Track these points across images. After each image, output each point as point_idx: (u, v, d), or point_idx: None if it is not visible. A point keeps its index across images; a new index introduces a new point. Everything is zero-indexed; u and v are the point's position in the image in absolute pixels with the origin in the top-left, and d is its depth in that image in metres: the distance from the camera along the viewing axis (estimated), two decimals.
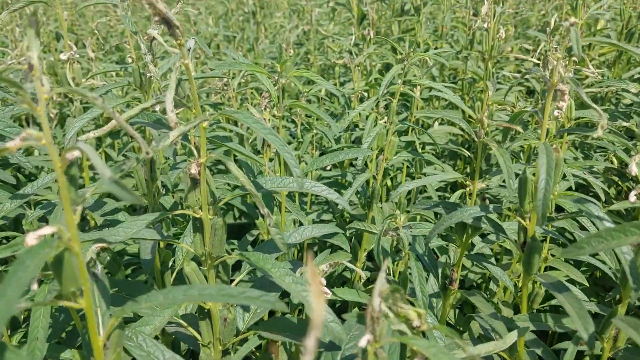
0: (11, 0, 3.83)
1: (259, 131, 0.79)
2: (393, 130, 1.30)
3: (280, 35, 3.60)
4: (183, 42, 0.75)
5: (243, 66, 1.00)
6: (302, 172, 0.78)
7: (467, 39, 2.17)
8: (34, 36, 0.57)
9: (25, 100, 0.57)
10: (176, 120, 0.72)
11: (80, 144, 0.56)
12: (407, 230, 0.93)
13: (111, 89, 1.37)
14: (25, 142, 0.59)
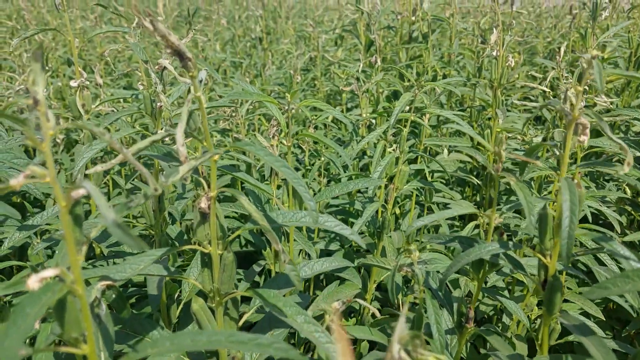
0: (21, 27, 3.88)
1: (272, 164, 0.77)
2: (403, 159, 1.28)
3: (287, 61, 3.62)
4: (195, 74, 0.73)
5: (253, 96, 0.98)
6: (316, 205, 0.76)
7: (475, 66, 2.17)
8: (39, 70, 0.55)
9: (30, 137, 0.55)
10: (186, 154, 0.70)
11: (85, 184, 0.53)
12: (422, 266, 0.90)
13: (121, 117, 1.36)
14: (29, 180, 0.57)
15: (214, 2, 5.86)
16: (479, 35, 2.17)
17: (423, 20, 2.50)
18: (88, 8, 4.45)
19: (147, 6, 5.53)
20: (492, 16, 2.53)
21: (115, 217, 0.48)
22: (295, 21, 4.74)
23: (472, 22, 3.81)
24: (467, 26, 2.84)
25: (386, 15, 3.04)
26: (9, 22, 3.74)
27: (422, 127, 1.57)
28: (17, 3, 5.11)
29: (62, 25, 4.06)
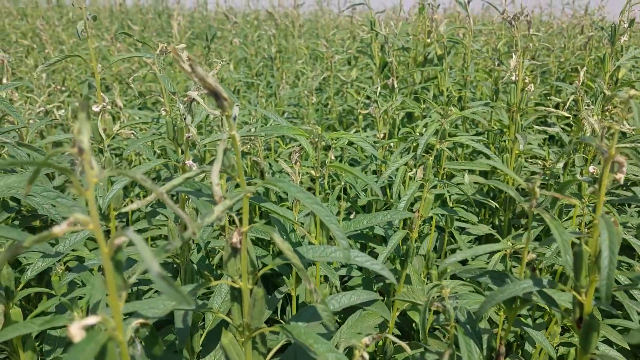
0: (37, 45, 3.93)
1: (304, 200, 0.77)
2: (428, 187, 1.27)
3: (300, 79, 3.63)
4: (230, 113, 0.73)
5: (286, 130, 0.98)
6: (348, 243, 0.75)
7: (492, 89, 2.16)
8: (85, 120, 0.55)
9: (74, 185, 0.55)
10: (221, 194, 0.70)
11: (129, 233, 0.53)
12: (453, 301, 0.89)
13: (144, 142, 1.37)
14: (72, 227, 0.57)
15: (226, 21, 5.92)
16: (495, 57, 2.17)
17: (438, 42, 2.51)
18: (102, 27, 4.51)
19: (160, 24, 5.59)
20: (509, 39, 2.54)
21: (160, 269, 0.47)
22: (307, 40, 4.78)
23: (483, 41, 3.82)
24: (480, 47, 2.84)
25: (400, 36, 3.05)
26: (24, 41, 3.80)
27: (441, 152, 1.56)
28: (32, 21, 5.19)
29: (76, 45, 4.11)
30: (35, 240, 0.56)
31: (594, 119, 1.39)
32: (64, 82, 2.92)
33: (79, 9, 1.77)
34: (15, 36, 4.61)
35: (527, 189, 0.84)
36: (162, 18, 5.97)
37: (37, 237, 0.56)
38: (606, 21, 4.00)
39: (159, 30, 5.43)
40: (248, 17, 4.97)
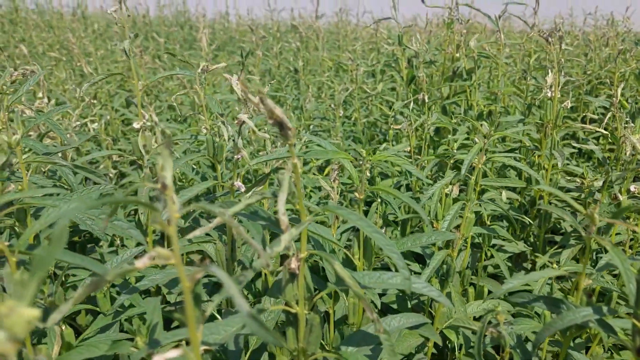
0: (66, 58, 4.00)
1: (364, 228, 0.77)
2: (470, 207, 1.27)
3: (323, 92, 3.65)
4: (293, 142, 0.74)
5: (330, 154, 0.99)
6: (409, 272, 0.75)
7: (524, 104, 2.15)
8: (168, 157, 0.57)
9: (157, 220, 0.56)
10: (287, 222, 0.71)
11: (214, 269, 0.54)
12: (508, 327, 0.88)
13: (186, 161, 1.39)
14: (154, 261, 0.58)
15: (248, 32, 5.97)
16: (527, 72, 2.16)
17: (467, 56, 2.51)
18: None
19: (182, 36, 5.66)
20: (540, 53, 2.53)
21: (250, 309, 0.48)
22: (328, 51, 4.80)
23: (508, 53, 3.80)
24: (508, 61, 2.83)
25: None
26: (53, 54, 3.87)
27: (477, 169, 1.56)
28: (59, 32, 5.29)
29: (104, 57, 4.18)
30: (118, 274, 0.57)
31: (636, 137, 1.37)
32: (96, 95, 2.97)
33: (102, 20, 1.82)
34: (43, 48, 4.70)
35: (586, 216, 0.83)
36: (185, 30, 6.05)
37: (120, 271, 0.57)
38: (632, 32, 3.95)
39: (181, 41, 5.50)
40: (271, 29, 5.01)
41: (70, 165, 1.04)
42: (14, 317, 0.45)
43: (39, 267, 0.45)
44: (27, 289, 0.45)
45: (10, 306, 0.45)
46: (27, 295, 0.45)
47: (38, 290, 0.45)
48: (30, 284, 0.45)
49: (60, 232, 0.46)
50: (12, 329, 0.45)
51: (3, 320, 0.45)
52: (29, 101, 2.33)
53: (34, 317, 0.45)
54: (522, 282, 0.88)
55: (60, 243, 0.46)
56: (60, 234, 0.46)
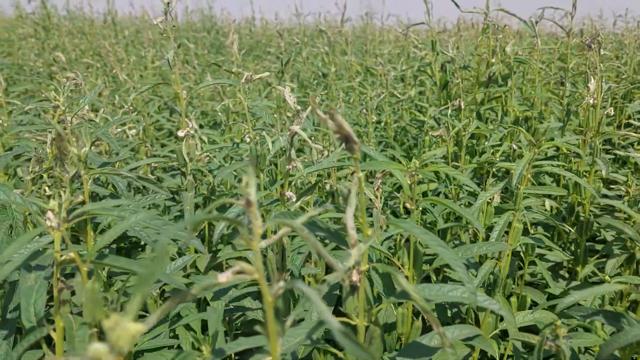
0: (100, 65, 4.08)
1: (429, 242, 0.78)
2: (518, 217, 1.26)
3: (351, 97, 3.65)
4: (358, 156, 0.75)
5: (382, 165, 1.00)
6: (475, 286, 0.75)
7: (562, 111, 2.13)
8: (253, 174, 0.58)
9: (243, 237, 0.58)
10: (357, 237, 0.72)
11: (299, 284, 0.55)
12: (567, 340, 0.87)
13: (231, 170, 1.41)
14: (237, 276, 0.59)
15: (274, 36, 6.01)
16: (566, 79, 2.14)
17: (503, 62, 2.49)
18: (158, 44, 4.65)
19: (210, 41, 5.73)
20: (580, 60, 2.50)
21: (340, 326, 0.49)
22: (356, 55, 4.81)
23: (541, 56, 3.76)
24: (542, 66, 2.79)
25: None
26: (89, 60, 3.96)
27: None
28: (91, 39, 5.40)
29: (137, 63, 4.26)
30: (202, 289, 0.59)
31: None
32: (132, 101, 3.02)
33: (131, 27, 1.85)
34: (75, 54, 4.80)
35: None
36: (212, 34, 6.12)
37: (203, 286, 0.58)
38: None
39: (208, 46, 5.57)
40: (298, 34, 5.04)
41: (134, 176, 1.07)
42: (119, 331, 0.47)
43: (142, 283, 0.47)
44: (131, 304, 0.47)
45: (115, 320, 0.47)
46: (132, 309, 0.47)
47: (142, 305, 0.47)
48: (134, 299, 0.47)
49: (163, 249, 0.47)
50: (117, 343, 0.47)
51: (108, 333, 0.47)
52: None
53: (139, 331, 0.46)
54: (585, 295, 0.87)
55: (163, 260, 0.47)
56: (163, 252, 0.47)
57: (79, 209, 0.82)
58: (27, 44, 4.82)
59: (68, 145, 0.81)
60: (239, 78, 1.66)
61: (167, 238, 0.48)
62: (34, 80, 3.26)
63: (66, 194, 0.82)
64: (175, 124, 3.22)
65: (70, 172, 0.83)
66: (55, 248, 0.85)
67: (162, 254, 0.47)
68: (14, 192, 0.83)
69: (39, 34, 4.88)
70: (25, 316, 0.88)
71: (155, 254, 0.47)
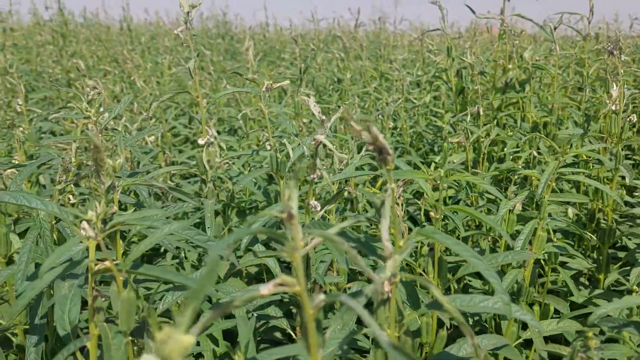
0: (118, 72, 4.13)
1: (461, 253, 0.78)
2: (543, 226, 1.25)
3: (367, 101, 3.66)
4: (392, 167, 0.76)
5: (410, 174, 1.00)
6: (509, 298, 0.75)
7: (582, 117, 2.11)
8: (294, 188, 0.59)
9: (286, 249, 0.58)
10: (392, 249, 0.72)
11: (343, 297, 0.55)
12: (598, 352, 0.87)
13: (252, 178, 1.42)
14: (278, 288, 0.60)
15: (287, 42, 6.04)
16: (586, 84, 2.13)
17: (520, 67, 2.48)
18: (175, 51, 4.70)
19: (224, 47, 5.77)
20: (601, 66, 2.48)
21: (390, 340, 0.49)
22: (370, 60, 4.81)
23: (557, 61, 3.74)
24: (559, 71, 2.78)
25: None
26: (105, 66, 4.00)
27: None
28: (108, 45, 5.47)
29: (153, 70, 4.30)
30: (245, 300, 0.59)
31: None
32: (149, 108, 3.06)
33: (146, 33, 1.87)
34: (93, 61, 4.86)
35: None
36: (226, 40, 6.16)
37: (247, 297, 0.59)
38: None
39: (223, 53, 5.61)
40: (313, 39, 5.06)
41: (166, 187, 1.08)
42: (171, 344, 0.47)
43: (193, 297, 0.47)
44: (183, 317, 0.47)
45: (167, 333, 0.48)
46: (184, 322, 0.47)
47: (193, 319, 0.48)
48: (185, 312, 0.48)
49: (213, 264, 0.48)
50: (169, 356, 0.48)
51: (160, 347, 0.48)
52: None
53: (191, 344, 0.47)
54: (618, 307, 0.87)
55: (213, 274, 0.48)
56: (214, 266, 0.48)
57: (113, 219, 0.83)
58: (45, 51, 4.89)
59: (104, 157, 0.82)
60: (258, 86, 1.68)
61: (218, 253, 0.49)
62: (53, 87, 3.31)
63: (101, 204, 0.84)
64: (192, 131, 3.25)
65: (105, 183, 0.84)
66: (89, 257, 0.86)
67: (214, 268, 0.48)
68: (50, 202, 0.84)
69: (57, 41, 4.95)
70: (60, 324, 0.89)
71: (206, 268, 0.48)
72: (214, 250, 0.46)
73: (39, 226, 1.12)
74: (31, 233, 1.11)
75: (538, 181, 2.02)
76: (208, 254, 0.47)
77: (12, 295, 1.35)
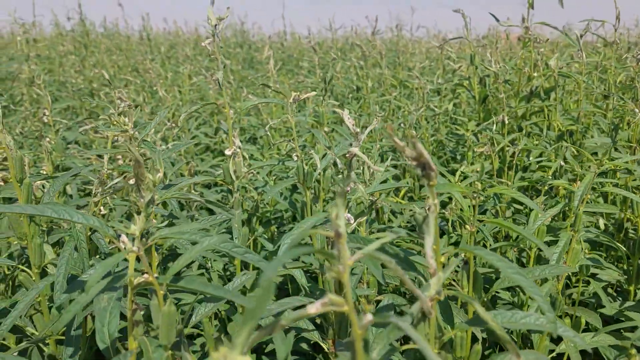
0: (140, 81, 4.18)
1: (505, 270, 0.77)
2: (577, 238, 1.24)
3: (386, 109, 3.65)
4: (435, 182, 0.75)
5: (446, 187, 0.99)
6: (554, 316, 0.74)
7: (610, 126, 2.08)
8: (342, 206, 0.58)
9: (335, 269, 0.58)
10: (436, 266, 0.71)
11: (395, 319, 0.55)
12: None
13: (278, 190, 1.43)
14: (326, 307, 0.60)
15: (305, 50, 6.07)
16: (613, 93, 2.10)
17: (545, 75, 2.46)
18: (194, 60, 4.74)
19: (242, 56, 5.82)
20: (627, 72, 2.45)
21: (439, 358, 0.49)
22: (388, 67, 4.81)
23: (579, 68, 3.70)
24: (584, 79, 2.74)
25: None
26: (127, 76, 4.05)
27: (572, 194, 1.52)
28: (129, 55, 5.54)
29: (174, 80, 4.35)
30: (293, 319, 0.59)
31: None
32: (173, 117, 3.09)
33: (165, 43, 1.89)
34: (114, 70, 4.93)
35: None
36: (244, 49, 6.21)
37: (294, 317, 0.59)
38: None
39: (242, 61, 5.65)
40: (330, 48, 5.08)
41: (203, 200, 1.09)
42: None
43: (250, 317, 0.47)
44: (239, 338, 0.47)
45: (224, 353, 0.48)
46: (240, 343, 0.47)
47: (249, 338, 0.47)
48: (242, 333, 0.48)
49: (268, 285, 0.48)
50: None
51: None
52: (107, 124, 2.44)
53: None
54: None
55: (269, 294, 0.48)
56: (269, 287, 0.48)
57: (155, 233, 0.84)
58: (68, 61, 4.97)
59: (145, 172, 0.83)
60: (285, 97, 1.68)
61: (272, 273, 0.49)
62: (77, 97, 3.36)
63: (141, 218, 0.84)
64: (212, 139, 3.27)
65: (145, 197, 0.85)
66: (129, 271, 0.87)
67: (268, 288, 0.48)
68: (91, 216, 0.85)
69: (79, 51, 5.03)
70: (99, 337, 0.90)
71: (262, 288, 0.48)
72: (268, 270, 0.46)
73: (75, 238, 1.13)
74: (68, 245, 1.12)
75: (565, 190, 1.99)
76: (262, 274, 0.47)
77: (44, 305, 1.37)
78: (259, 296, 0.48)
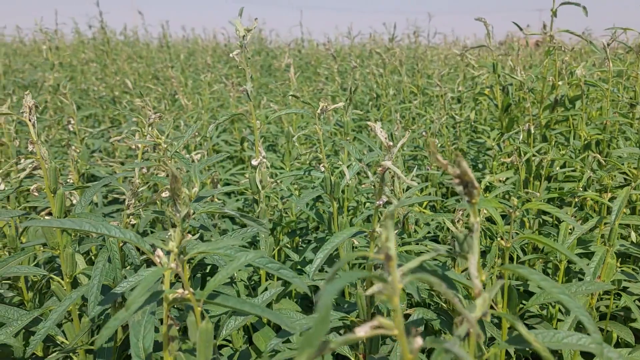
0: (162, 89, 4.22)
1: (550, 289, 0.76)
2: (611, 252, 1.21)
3: (406, 117, 3.64)
4: (477, 200, 0.74)
5: (484, 203, 0.98)
6: (600, 336, 0.72)
7: (638, 136, 2.05)
8: (391, 228, 0.58)
9: (384, 290, 0.58)
10: (481, 286, 0.70)
11: (449, 345, 0.54)
12: None
13: (306, 201, 1.42)
14: (375, 331, 0.59)
15: (322, 57, 6.08)
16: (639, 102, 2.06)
17: (570, 84, 2.43)
18: (215, 69, 4.78)
19: (260, 64, 5.85)
20: None
21: None
22: (408, 74, 4.79)
23: (600, 75, 3.65)
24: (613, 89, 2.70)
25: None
26: (148, 85, 4.09)
27: (604, 205, 1.49)
28: (149, 62, 5.60)
29: (195, 88, 4.38)
30: (342, 343, 0.58)
31: None
32: (194, 123, 3.11)
33: (184, 50, 1.89)
34: (134, 77, 4.98)
35: None
36: (261, 55, 6.25)
37: (343, 340, 0.58)
38: None
39: (259, 68, 5.67)
40: (349, 55, 5.08)
41: (237, 214, 1.09)
42: None
43: (307, 344, 0.47)
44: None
45: None
46: None
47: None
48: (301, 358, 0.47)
49: (326, 310, 0.48)
50: None
51: None
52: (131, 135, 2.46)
53: None
54: None
55: (327, 320, 0.47)
56: (327, 312, 0.48)
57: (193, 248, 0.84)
58: (89, 69, 5.04)
59: (182, 187, 0.83)
60: (312, 107, 1.68)
61: (330, 297, 0.48)
62: (100, 105, 3.40)
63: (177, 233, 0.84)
64: (232, 146, 3.28)
65: (182, 212, 0.85)
66: (165, 286, 0.87)
67: (326, 314, 0.47)
68: (128, 231, 0.86)
69: (101, 58, 5.09)
70: (134, 352, 0.90)
71: (320, 314, 0.47)
72: (326, 296, 0.46)
73: (108, 249, 1.14)
74: (102, 256, 1.13)
75: (592, 201, 1.96)
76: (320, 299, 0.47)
77: (75, 314, 1.38)
78: (317, 322, 0.47)
